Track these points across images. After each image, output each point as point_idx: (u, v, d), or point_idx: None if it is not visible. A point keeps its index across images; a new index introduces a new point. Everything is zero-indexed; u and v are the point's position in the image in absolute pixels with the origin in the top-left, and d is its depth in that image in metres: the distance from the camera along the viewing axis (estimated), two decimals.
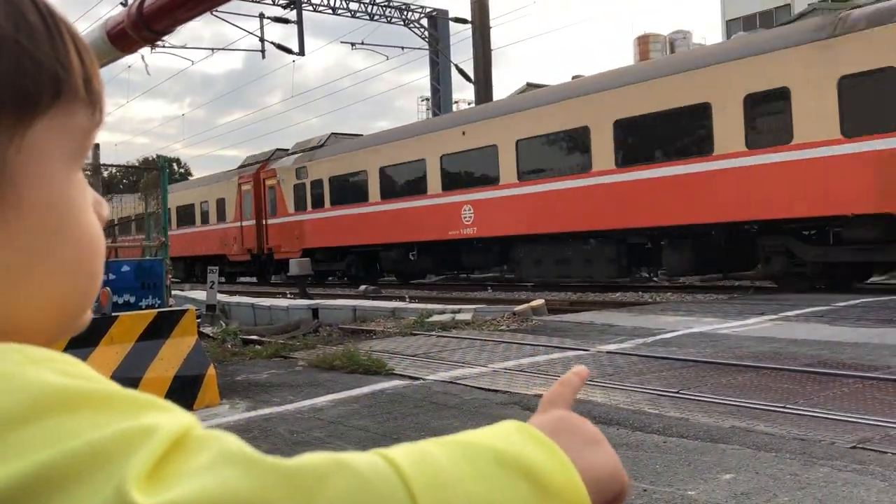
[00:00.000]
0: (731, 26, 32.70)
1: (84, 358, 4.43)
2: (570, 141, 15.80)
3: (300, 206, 23.42)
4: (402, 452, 0.43)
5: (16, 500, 0.35)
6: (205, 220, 28.59)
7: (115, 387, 0.41)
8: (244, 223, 25.93)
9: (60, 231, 0.47)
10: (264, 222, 25.06)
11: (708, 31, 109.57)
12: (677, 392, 5.23)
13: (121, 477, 0.36)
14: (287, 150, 26.07)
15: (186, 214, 29.52)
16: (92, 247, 0.49)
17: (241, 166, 27.42)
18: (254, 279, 27.44)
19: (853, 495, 3.14)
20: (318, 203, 22.71)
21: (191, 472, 0.37)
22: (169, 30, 3.91)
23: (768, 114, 12.74)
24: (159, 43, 3.67)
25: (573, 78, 19.13)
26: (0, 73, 0.44)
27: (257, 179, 25.43)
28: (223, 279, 24.86)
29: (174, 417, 0.40)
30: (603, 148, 14.94)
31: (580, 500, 0.46)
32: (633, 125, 14.44)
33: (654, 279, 17.72)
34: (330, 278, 23.50)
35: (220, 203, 27.36)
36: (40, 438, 0.37)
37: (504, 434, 0.47)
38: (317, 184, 22.75)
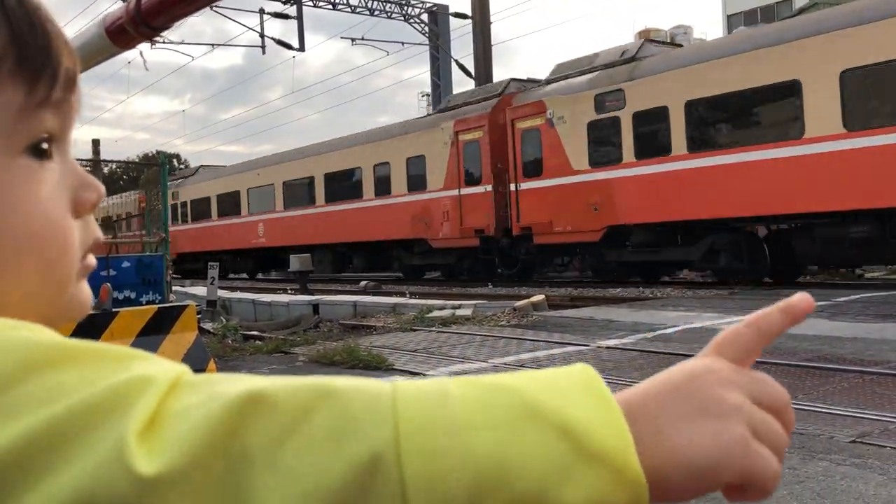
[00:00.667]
0: (732, 21, 32.68)
1: None
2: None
3: (604, 156, 14.47)
4: (413, 386, 0.39)
5: (17, 464, 0.35)
6: (381, 191, 19.80)
7: (102, 343, 0.40)
8: (465, 190, 17.33)
9: None
10: (514, 187, 16.27)
11: (709, 27, 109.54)
12: None
13: (120, 434, 0.36)
14: (533, 80, 17.85)
15: (342, 185, 21.34)
16: (37, 235, 0.46)
17: (446, 109, 18.93)
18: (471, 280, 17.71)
19: (851, 489, 3.15)
20: (649, 149, 13.66)
21: (179, 414, 0.37)
22: (166, 26, 3.91)
23: None
24: (157, 39, 3.66)
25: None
26: None
27: (496, 122, 16.67)
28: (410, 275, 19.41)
29: (165, 367, 0.40)
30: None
31: (631, 470, 0.38)
32: None
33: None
34: (636, 276, 15.18)
35: (415, 163, 18.74)
36: (34, 398, 0.36)
37: (555, 381, 0.40)
38: (647, 117, 13.63)
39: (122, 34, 3.89)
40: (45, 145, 0.47)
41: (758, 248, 13.16)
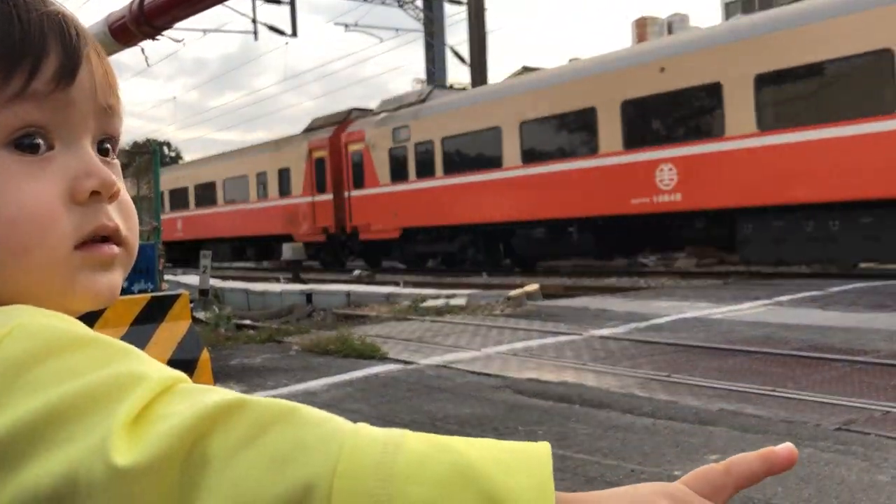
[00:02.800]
0: (730, 9, 32.60)
1: None
2: None
3: (399, 175, 19.27)
4: (370, 434, 0.42)
5: (33, 434, 0.40)
6: (262, 195, 24.44)
7: (110, 337, 0.45)
8: (317, 197, 21.83)
9: None
10: (347, 195, 20.93)
11: (706, 14, 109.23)
12: (668, 376, 5.28)
13: (109, 424, 0.40)
14: (366, 109, 22.49)
15: (236, 188, 25.63)
16: (11, 223, 0.48)
17: (309, 130, 23.52)
18: (314, 263, 22.98)
19: (835, 474, 3.20)
20: (424, 171, 18.52)
21: (165, 417, 0.41)
22: (168, 25, 3.94)
23: None
24: (158, 37, 3.71)
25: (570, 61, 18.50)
26: None
27: (336, 144, 21.25)
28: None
29: (163, 371, 0.44)
30: None
31: None
32: None
33: (650, 264, 17.72)
34: (431, 262, 19.94)
35: (284, 174, 23.24)
36: (49, 377, 0.41)
37: (502, 453, 0.42)
38: (423, 147, 18.43)
39: (124, 32, 3.93)
40: (37, 139, 0.49)
41: (495, 244, 17.89)
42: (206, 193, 27.31)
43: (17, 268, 0.49)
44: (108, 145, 0.56)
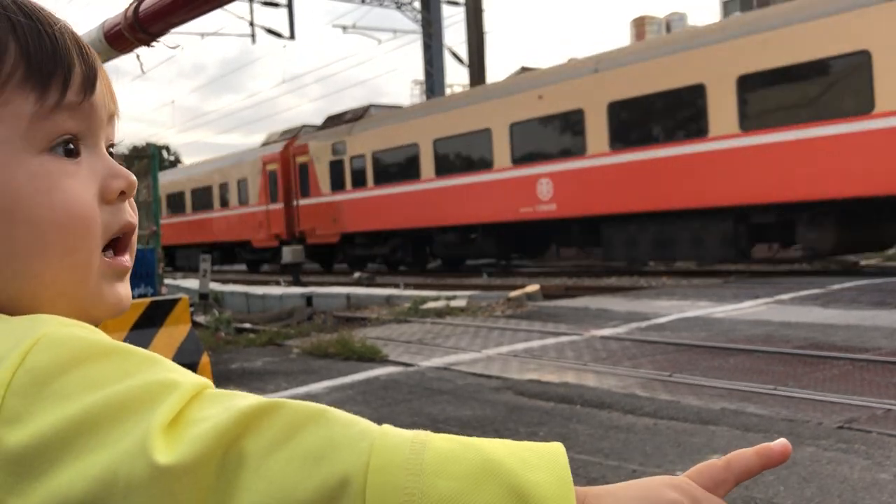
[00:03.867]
0: (728, 7, 32.59)
1: None
2: None
3: (337, 185, 21.17)
4: (397, 434, 0.45)
5: (62, 442, 0.42)
6: (224, 204, 26.18)
7: (134, 347, 0.48)
8: (271, 206, 23.54)
9: (11, 216, 0.50)
10: (295, 204, 22.74)
11: (704, 13, 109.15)
12: (669, 375, 5.27)
13: (147, 427, 0.42)
14: (315, 126, 24.23)
15: (201, 198, 27.54)
16: (57, 223, 0.51)
17: (265, 144, 25.44)
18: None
19: (837, 473, 3.18)
20: (358, 182, 20.45)
21: (198, 421, 0.43)
22: (163, 32, 3.95)
23: None
24: (153, 43, 3.72)
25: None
26: None
27: (285, 157, 23.10)
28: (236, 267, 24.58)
29: (191, 377, 0.47)
30: None
31: None
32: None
33: (650, 264, 17.74)
34: (370, 264, 21.63)
35: (242, 184, 25.09)
36: (76, 386, 0.43)
37: (524, 451, 0.46)
38: (357, 160, 20.46)
39: (120, 39, 3.95)
40: (71, 145, 0.53)
41: (421, 247, 19.88)
42: (176, 202, 29.32)
43: (63, 268, 0.51)
44: (111, 149, 0.59)
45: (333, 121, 22.56)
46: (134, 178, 0.56)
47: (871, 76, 11.13)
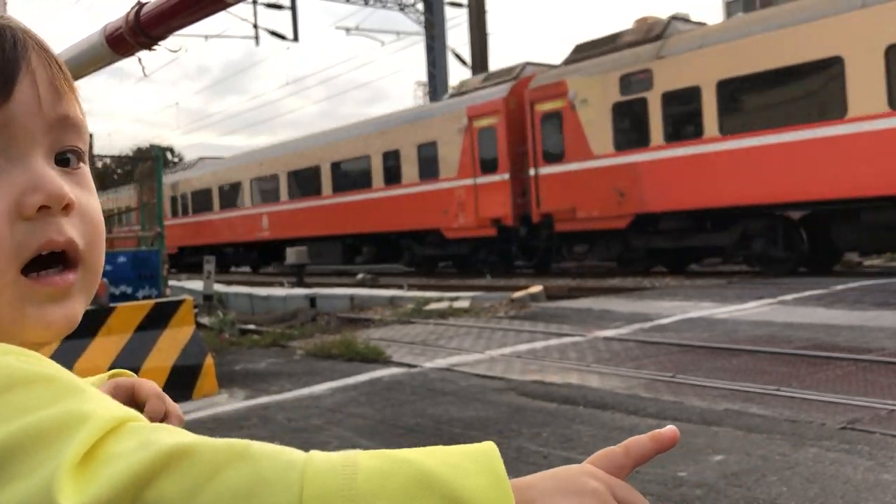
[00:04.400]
0: (731, 7, 32.50)
1: (83, 349, 4.37)
2: None
3: (625, 140, 13.96)
4: (325, 459, 0.43)
5: None
6: (392, 180, 18.96)
7: (63, 373, 0.45)
8: (481, 179, 16.62)
9: None
10: (533, 173, 15.55)
11: (707, 13, 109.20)
12: (672, 376, 5.27)
13: (56, 464, 0.39)
14: (543, 63, 17.18)
15: (348, 174, 20.48)
16: None
17: (459, 93, 18.20)
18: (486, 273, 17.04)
19: (840, 474, 3.19)
20: (681, 133, 13.18)
21: (112, 457, 0.40)
22: (164, 35, 3.96)
23: None
24: (155, 47, 3.73)
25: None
26: None
27: (514, 106, 15.93)
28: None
29: (115, 408, 0.43)
30: None
31: None
32: None
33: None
34: (661, 264, 14.76)
35: (427, 150, 17.89)
36: (2, 412, 0.41)
37: (456, 457, 0.45)
38: (679, 98, 13.04)
39: (121, 43, 3.97)
40: None
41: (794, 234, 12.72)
42: (305, 182, 24.17)
43: None
44: (70, 156, 0.54)
45: (602, 45, 15.13)
46: (61, 190, 0.50)
47: None
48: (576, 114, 14.65)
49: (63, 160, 0.53)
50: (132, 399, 0.71)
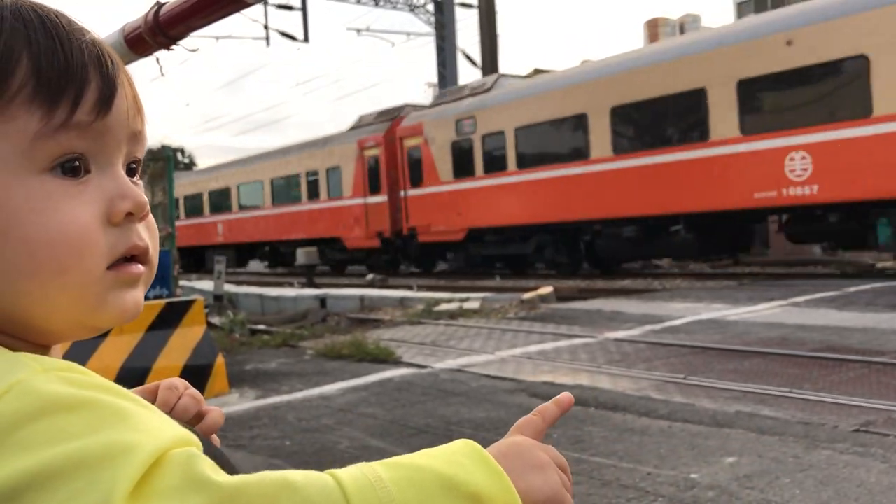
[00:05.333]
0: (742, 9, 32.40)
1: (94, 348, 4.38)
2: None
3: (460, 171, 17.84)
4: (351, 475, 0.46)
5: (14, 493, 0.41)
6: (311, 196, 22.72)
7: (107, 398, 0.46)
8: (370, 199, 20.21)
9: (6, 232, 0.49)
10: (403, 195, 19.38)
11: (718, 15, 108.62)
12: (684, 378, 5.25)
13: (109, 489, 0.41)
14: (421, 105, 20.96)
15: (281, 189, 24.33)
16: (49, 244, 0.50)
17: (357, 126, 21.83)
18: (367, 273, 20.21)
19: (853, 476, 3.16)
20: (494, 166, 17.04)
21: (161, 494, 0.42)
22: (183, 35, 3.99)
23: None
24: (173, 47, 3.75)
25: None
26: None
27: (390, 140, 19.68)
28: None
29: (153, 437, 0.45)
30: None
31: None
32: None
33: (663, 265, 17.66)
34: (498, 265, 18.23)
35: (333, 173, 21.68)
36: (39, 437, 0.42)
37: (455, 457, 0.50)
38: (493, 139, 16.99)
39: (140, 43, 3.99)
40: (77, 163, 0.52)
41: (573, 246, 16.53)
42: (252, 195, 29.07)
43: (55, 287, 0.51)
44: (135, 167, 0.58)
45: (453, 94, 19.36)
46: (144, 199, 0.55)
47: None
48: (429, 149, 18.64)
49: (131, 171, 0.58)
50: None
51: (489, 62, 24.53)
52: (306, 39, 23.38)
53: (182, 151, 59.26)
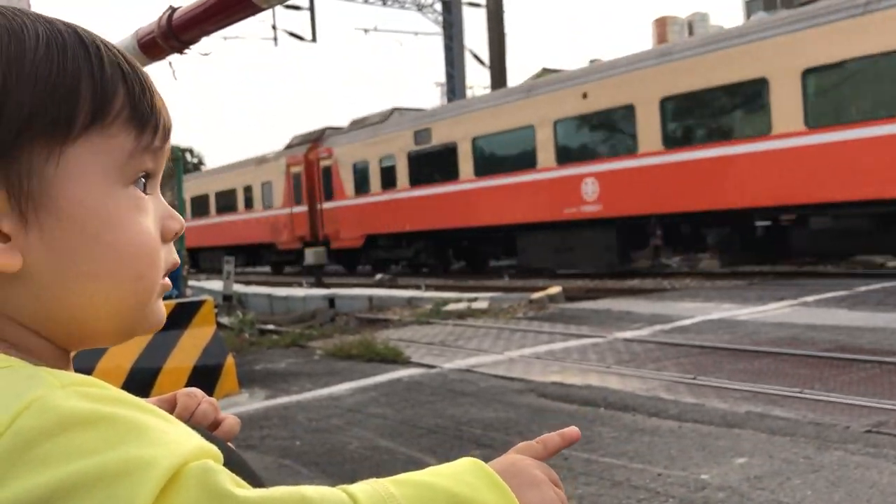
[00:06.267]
0: (751, 7, 32.26)
1: (105, 349, 4.39)
2: None
3: (362, 188, 21.36)
4: (364, 491, 0.48)
5: None
6: (249, 206, 26.78)
7: (125, 411, 0.47)
8: (295, 209, 23.77)
9: (98, 237, 0.54)
10: (319, 207, 22.95)
11: (727, 14, 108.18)
12: (694, 378, 5.23)
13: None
14: (339, 128, 24.32)
15: (226, 201, 28.30)
16: (134, 251, 0.55)
17: (288, 147, 25.46)
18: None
19: (865, 478, 3.15)
20: (386, 183, 20.57)
21: None
22: (196, 39, 4.01)
23: None
24: (186, 51, 3.78)
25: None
26: (37, 101, 0.51)
27: (309, 160, 23.28)
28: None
29: (171, 451, 0.46)
30: None
31: None
32: None
33: (673, 265, 17.62)
34: (393, 266, 21.68)
35: (267, 187, 25.44)
36: (57, 453, 0.43)
37: (462, 475, 0.53)
38: (385, 162, 20.55)
39: (153, 47, 4.02)
40: (143, 181, 0.58)
41: (444, 250, 20.34)
42: (200, 205, 31.50)
43: (127, 290, 0.55)
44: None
45: (358, 124, 22.64)
46: (183, 220, 0.61)
47: None
48: (338, 168, 22.22)
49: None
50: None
51: (497, 61, 24.51)
52: (314, 39, 23.43)
53: (191, 151, 59.41)
